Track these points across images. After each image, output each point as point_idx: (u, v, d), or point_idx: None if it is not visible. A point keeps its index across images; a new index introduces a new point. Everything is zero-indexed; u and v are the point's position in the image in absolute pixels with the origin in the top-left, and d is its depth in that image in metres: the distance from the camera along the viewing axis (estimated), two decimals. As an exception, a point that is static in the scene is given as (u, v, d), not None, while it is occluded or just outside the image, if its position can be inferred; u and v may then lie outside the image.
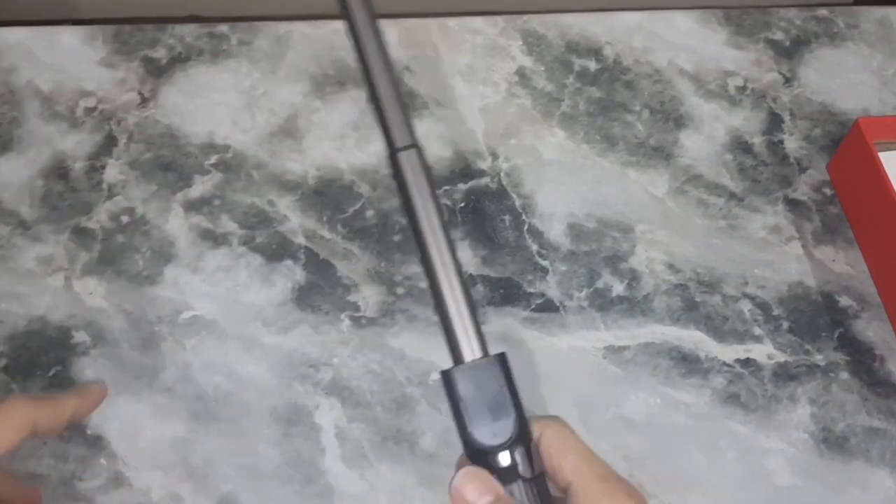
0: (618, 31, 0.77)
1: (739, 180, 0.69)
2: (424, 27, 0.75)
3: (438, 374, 0.35)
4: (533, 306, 0.62)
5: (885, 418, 0.59)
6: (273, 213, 0.65)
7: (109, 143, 0.67)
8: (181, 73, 0.71)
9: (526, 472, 0.34)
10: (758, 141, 0.72)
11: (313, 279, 0.62)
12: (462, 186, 0.67)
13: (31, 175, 0.65)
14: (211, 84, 0.71)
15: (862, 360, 0.62)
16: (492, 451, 0.34)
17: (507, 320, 0.61)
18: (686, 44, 0.77)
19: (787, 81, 0.75)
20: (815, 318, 0.63)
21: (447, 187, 0.67)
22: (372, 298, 0.62)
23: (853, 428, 0.59)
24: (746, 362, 0.61)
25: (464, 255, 0.64)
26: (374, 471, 0.55)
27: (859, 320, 0.63)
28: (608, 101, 0.73)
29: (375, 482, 0.55)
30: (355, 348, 0.60)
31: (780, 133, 0.72)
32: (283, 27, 0.74)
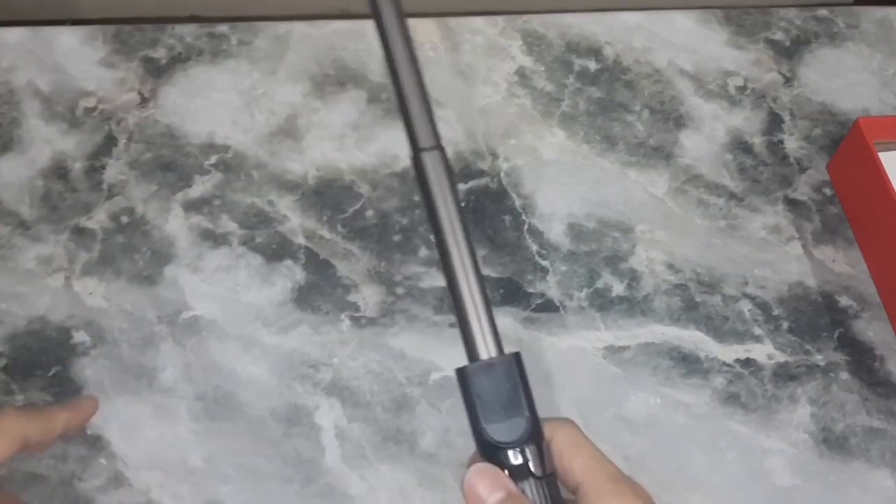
0: (618, 31, 0.77)
1: (739, 180, 0.69)
2: (424, 27, 0.75)
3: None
4: (533, 306, 0.62)
5: (885, 418, 0.59)
6: (273, 213, 0.65)
7: (109, 143, 0.67)
8: (181, 73, 0.71)
9: (537, 470, 0.34)
10: (758, 141, 0.72)
11: (313, 279, 0.62)
12: (462, 186, 0.67)
13: (31, 175, 0.65)
14: (211, 84, 0.71)
15: (862, 360, 0.62)
16: (504, 449, 0.34)
17: (507, 320, 0.61)
18: (686, 44, 0.77)
19: (787, 81, 0.75)
20: (815, 318, 0.63)
21: (447, 187, 0.67)
22: (372, 298, 0.62)
23: (853, 428, 0.59)
24: (746, 362, 0.61)
25: (464, 255, 0.64)
26: (374, 471, 0.55)
27: (859, 320, 0.63)
28: (608, 101, 0.73)
29: (375, 482, 0.55)
30: (355, 348, 0.60)
31: (780, 133, 0.72)
32: (283, 27, 0.74)
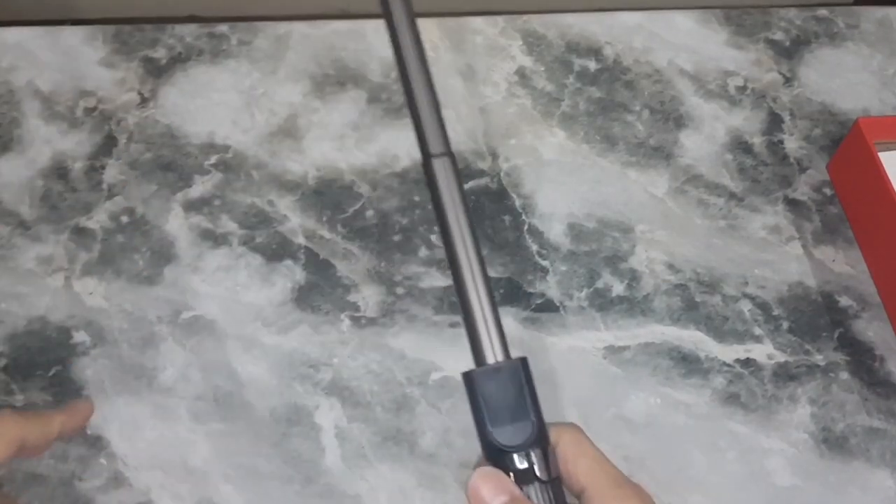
0: (618, 31, 0.77)
1: (739, 180, 0.69)
2: (424, 27, 0.75)
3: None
4: (533, 306, 0.62)
5: (885, 418, 0.59)
6: (273, 213, 0.65)
7: (109, 143, 0.67)
8: (181, 73, 0.71)
9: (542, 474, 0.34)
10: (758, 141, 0.72)
11: (313, 279, 0.62)
12: (462, 186, 0.67)
13: (31, 175, 0.65)
14: (211, 84, 0.71)
15: (862, 360, 0.62)
16: (509, 452, 0.34)
17: (507, 320, 0.61)
18: (686, 44, 0.77)
19: (787, 81, 0.75)
20: (815, 318, 0.63)
21: (447, 187, 0.67)
22: (372, 298, 0.62)
23: (853, 428, 0.59)
24: (746, 362, 0.61)
25: (464, 255, 0.64)
26: (374, 471, 0.55)
27: (859, 320, 0.63)
28: (608, 101, 0.73)
29: (375, 482, 0.55)
30: (355, 348, 0.60)
31: (780, 133, 0.72)
32: (283, 27, 0.74)
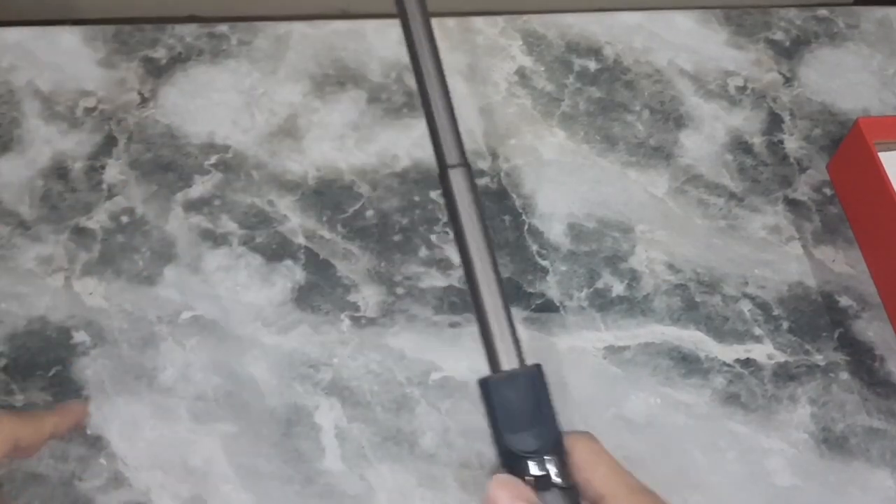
0: (618, 31, 0.77)
1: (739, 180, 0.69)
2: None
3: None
4: (533, 306, 0.62)
5: (885, 418, 0.59)
6: (273, 213, 0.65)
7: (109, 143, 0.67)
8: (181, 73, 0.71)
9: (559, 481, 0.34)
10: (758, 141, 0.72)
11: (313, 279, 0.62)
12: (462, 186, 0.67)
13: (31, 175, 0.65)
14: (211, 84, 0.71)
15: (862, 360, 0.62)
16: (526, 459, 0.34)
17: (507, 320, 0.61)
18: (686, 44, 0.77)
19: (787, 81, 0.75)
20: (815, 318, 0.63)
21: (447, 187, 0.67)
22: (372, 298, 0.62)
23: (853, 428, 0.59)
24: (746, 362, 0.61)
25: (464, 255, 0.64)
26: (374, 471, 0.55)
27: (859, 320, 0.63)
28: (608, 101, 0.73)
29: (375, 482, 0.55)
30: (355, 348, 0.60)
31: (780, 133, 0.72)
32: (283, 27, 0.74)
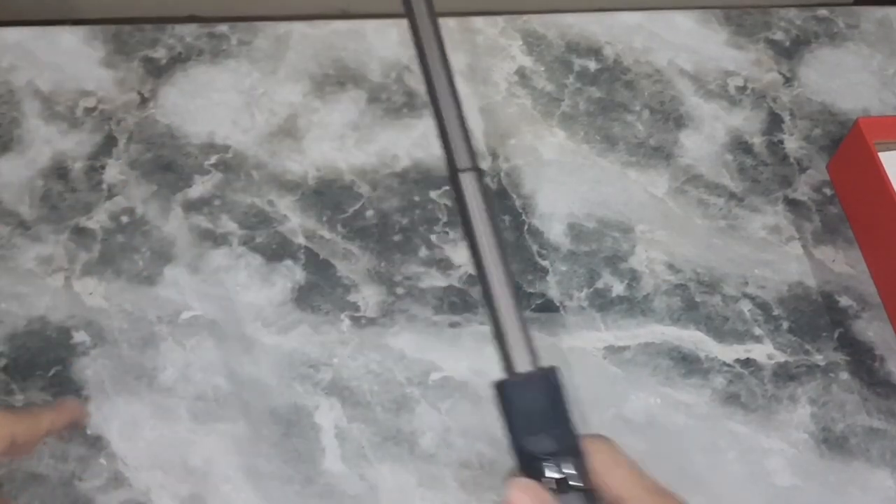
0: (618, 31, 0.77)
1: (739, 180, 0.69)
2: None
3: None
4: (533, 306, 0.62)
5: (885, 418, 0.59)
6: (273, 213, 0.65)
7: (109, 143, 0.67)
8: (181, 73, 0.71)
9: (577, 484, 0.34)
10: (758, 141, 0.72)
11: (313, 279, 0.62)
12: (462, 186, 0.67)
13: (31, 175, 0.65)
14: (211, 84, 0.71)
15: (862, 360, 0.61)
16: (544, 462, 0.34)
17: (507, 320, 0.61)
18: (686, 44, 0.77)
19: (787, 81, 0.75)
20: (815, 318, 0.63)
21: (447, 187, 0.67)
22: (372, 298, 0.62)
23: (853, 428, 0.59)
24: (746, 362, 0.61)
25: (464, 255, 0.64)
26: (374, 471, 0.55)
27: (859, 320, 0.63)
28: (608, 101, 0.73)
29: (375, 482, 0.55)
30: (355, 348, 0.60)
31: (780, 133, 0.72)
32: (282, 27, 0.74)
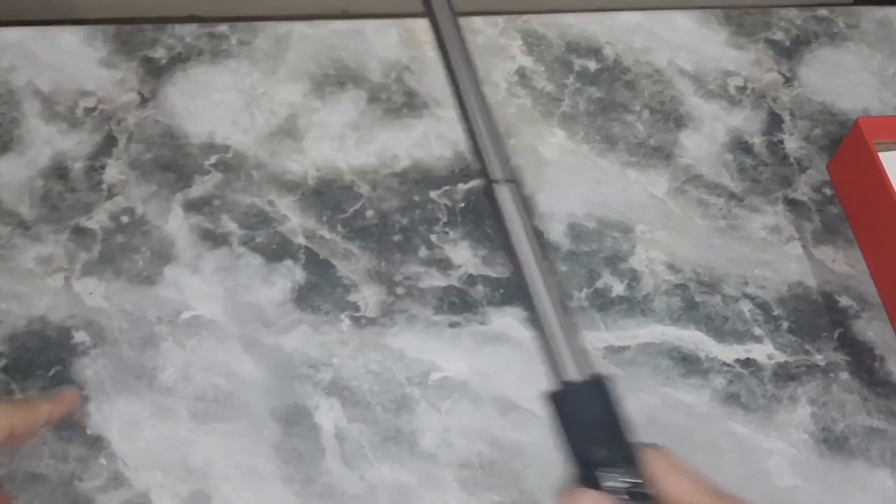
0: (618, 31, 0.77)
1: (739, 180, 0.69)
2: (424, 27, 0.75)
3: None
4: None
5: (885, 418, 0.59)
6: (273, 213, 0.65)
7: (109, 143, 0.67)
8: (181, 73, 0.71)
9: (637, 492, 0.34)
10: (758, 141, 0.72)
11: (313, 279, 0.62)
12: (462, 186, 0.67)
13: (31, 175, 0.65)
14: (211, 84, 0.71)
15: (862, 360, 0.61)
16: (603, 471, 0.34)
17: (506, 320, 0.61)
18: (686, 44, 0.77)
19: (787, 81, 0.75)
20: (815, 318, 0.63)
21: (447, 187, 0.67)
22: (372, 298, 0.62)
23: (853, 428, 0.59)
24: (746, 362, 0.61)
25: (464, 255, 0.64)
26: (374, 471, 0.55)
27: (859, 320, 0.63)
28: (608, 101, 0.73)
29: (375, 482, 0.55)
30: (355, 348, 0.60)
31: (780, 133, 0.72)
32: (282, 27, 0.74)
